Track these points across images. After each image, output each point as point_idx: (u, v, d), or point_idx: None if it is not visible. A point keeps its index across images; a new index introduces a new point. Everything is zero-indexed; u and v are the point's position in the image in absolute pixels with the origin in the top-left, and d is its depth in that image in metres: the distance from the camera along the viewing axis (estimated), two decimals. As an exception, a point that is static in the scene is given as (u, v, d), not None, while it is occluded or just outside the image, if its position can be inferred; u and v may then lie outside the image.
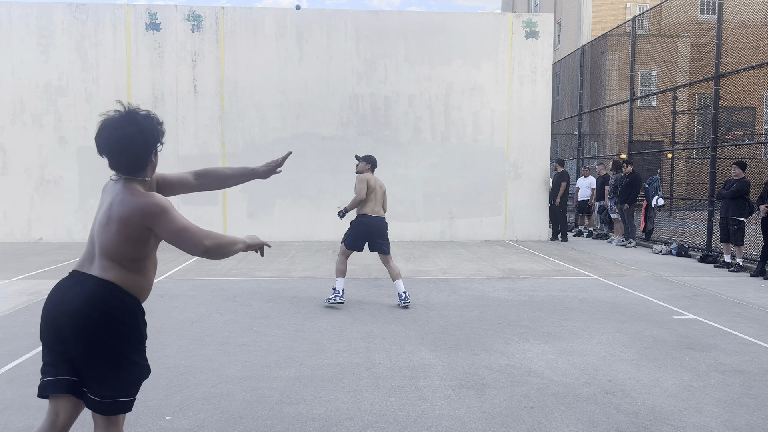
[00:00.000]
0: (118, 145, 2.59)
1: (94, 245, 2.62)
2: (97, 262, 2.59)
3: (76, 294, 2.53)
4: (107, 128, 2.60)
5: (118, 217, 2.56)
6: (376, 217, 7.31)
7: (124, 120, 2.60)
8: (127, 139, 2.58)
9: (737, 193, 10.02)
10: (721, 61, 11.71)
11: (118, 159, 2.61)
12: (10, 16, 13.56)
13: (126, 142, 2.58)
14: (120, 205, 2.57)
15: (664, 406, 4.31)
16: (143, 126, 2.64)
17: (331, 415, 4.12)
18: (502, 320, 6.71)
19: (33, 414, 4.10)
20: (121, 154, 2.58)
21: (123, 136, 2.57)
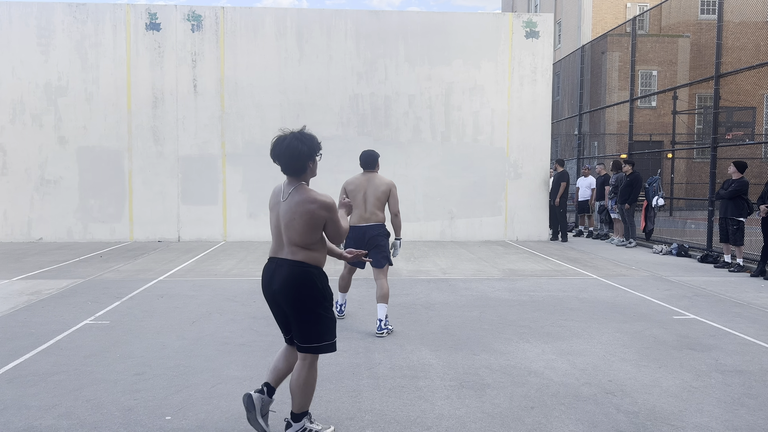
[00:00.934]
0: (288, 154, 3.53)
1: (282, 236, 3.57)
2: (287, 249, 3.56)
3: (278, 275, 3.54)
4: (281, 143, 3.56)
5: (300, 213, 3.50)
6: (360, 226, 6.23)
7: (293, 137, 3.56)
8: (295, 150, 3.52)
9: (735, 193, 10.01)
10: (721, 61, 11.71)
11: (288, 164, 3.56)
12: (10, 16, 13.56)
13: (292, 152, 3.52)
14: (304, 204, 3.50)
15: (664, 406, 4.31)
16: (305, 141, 3.57)
17: (331, 415, 4.12)
18: (502, 320, 6.71)
19: (33, 414, 4.10)
20: (290, 160, 3.53)
21: (292, 148, 3.52)
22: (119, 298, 7.74)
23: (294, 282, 3.50)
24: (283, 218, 3.55)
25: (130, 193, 13.85)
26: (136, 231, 13.86)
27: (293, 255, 3.54)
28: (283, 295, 3.52)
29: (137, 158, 13.83)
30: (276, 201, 3.62)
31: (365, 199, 6.26)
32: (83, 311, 7.00)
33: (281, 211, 3.56)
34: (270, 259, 3.64)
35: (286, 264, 3.53)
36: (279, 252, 3.60)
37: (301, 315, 3.54)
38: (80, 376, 4.85)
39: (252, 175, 14.03)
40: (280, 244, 3.59)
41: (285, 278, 3.51)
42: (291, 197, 3.55)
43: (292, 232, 3.52)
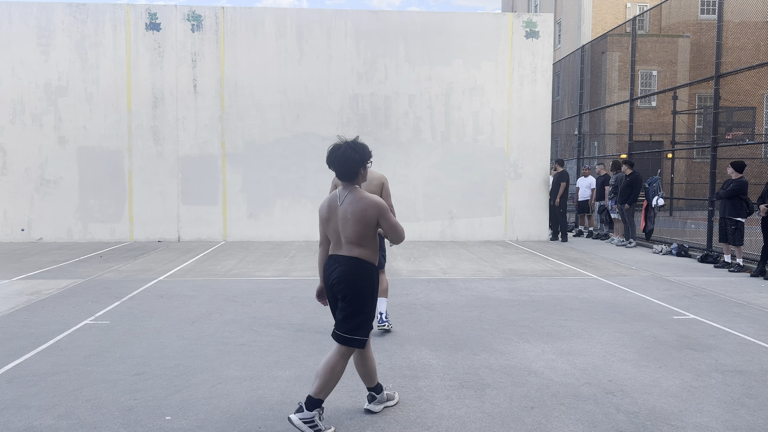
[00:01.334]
0: (343, 161, 3.87)
1: (340, 236, 3.92)
2: (344, 247, 3.92)
3: (337, 270, 3.90)
4: (336, 151, 3.91)
5: (359, 214, 3.85)
6: None
7: (347, 146, 3.90)
8: (349, 158, 3.86)
9: (733, 193, 10.01)
10: (721, 61, 11.71)
11: (342, 170, 3.89)
12: (10, 16, 13.56)
13: (347, 160, 3.86)
14: (357, 205, 3.86)
15: (664, 406, 4.31)
16: (358, 150, 3.92)
17: (331, 415, 4.12)
18: (502, 320, 6.71)
19: (33, 414, 4.10)
20: (344, 167, 3.87)
21: (346, 156, 3.86)
22: (119, 298, 7.74)
23: (349, 275, 3.88)
24: (341, 219, 3.92)
25: (130, 193, 13.85)
26: (136, 231, 13.86)
27: (350, 252, 3.92)
28: (339, 286, 3.90)
29: (137, 158, 13.83)
30: (333, 208, 3.96)
31: None
32: (83, 311, 7.00)
33: (339, 214, 3.93)
34: (330, 257, 4.03)
35: (343, 259, 3.92)
36: (338, 250, 3.98)
37: (346, 305, 3.89)
38: (80, 376, 4.85)
39: (252, 175, 14.03)
40: (339, 244, 3.97)
41: (342, 272, 3.90)
42: (346, 200, 3.92)
43: (348, 230, 3.89)
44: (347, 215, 3.87)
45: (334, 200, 3.97)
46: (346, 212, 3.88)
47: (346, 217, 3.87)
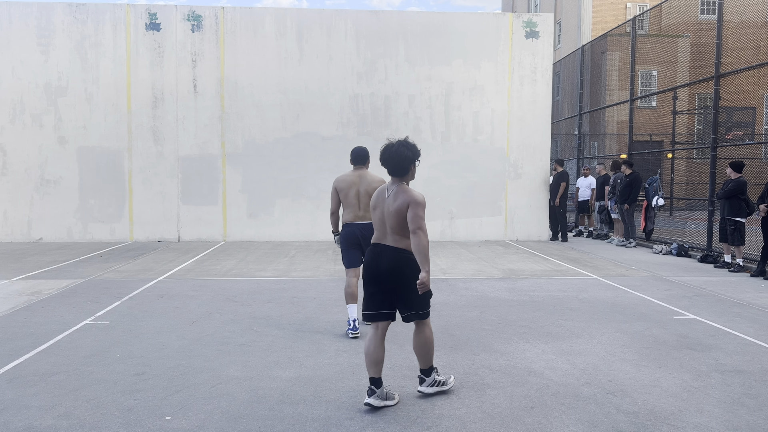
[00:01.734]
0: (395, 159, 4.27)
1: (386, 226, 4.28)
2: (390, 237, 4.28)
3: (384, 259, 4.27)
4: (390, 149, 4.30)
5: (396, 208, 4.18)
6: (356, 223, 6.14)
7: (399, 144, 4.31)
8: (400, 155, 4.26)
9: (732, 193, 10.01)
10: (721, 61, 11.71)
11: (394, 167, 4.29)
12: (10, 16, 13.56)
13: (399, 157, 4.26)
14: (398, 198, 4.20)
15: (664, 406, 4.31)
16: (409, 148, 4.32)
17: (331, 415, 4.12)
18: (502, 320, 6.71)
19: (33, 414, 4.10)
20: (396, 163, 4.27)
21: (399, 153, 4.27)
22: (119, 298, 7.74)
23: (398, 265, 4.25)
24: (386, 211, 4.29)
25: (130, 193, 13.85)
26: (136, 231, 13.86)
27: (396, 243, 4.27)
28: (390, 276, 4.25)
29: (137, 158, 13.83)
30: (381, 198, 4.35)
31: (358, 198, 6.16)
32: (83, 311, 7.00)
33: (385, 206, 4.30)
34: (374, 245, 4.37)
35: (390, 250, 4.27)
36: (383, 239, 4.33)
37: (405, 290, 4.25)
38: (80, 376, 4.85)
39: (252, 175, 14.03)
40: (384, 233, 4.33)
41: (390, 262, 4.26)
42: (393, 194, 4.27)
43: (393, 223, 4.25)
44: (391, 208, 4.25)
45: (383, 192, 4.37)
46: (391, 205, 4.26)
47: (390, 210, 4.25)
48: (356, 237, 6.12)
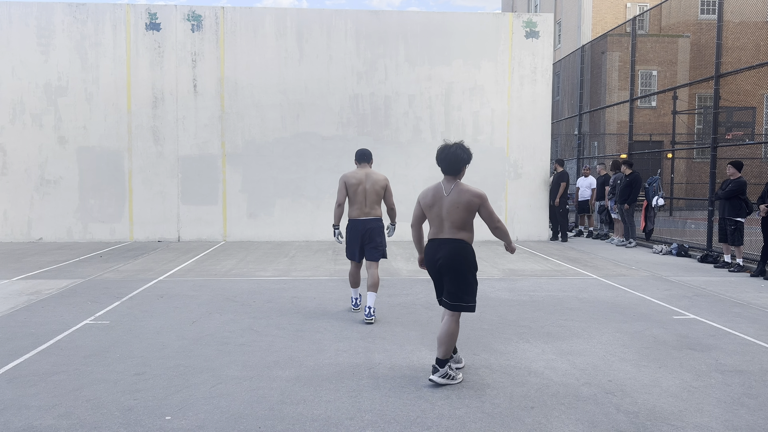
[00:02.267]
0: (451, 159, 4.68)
1: (443, 222, 4.66)
2: (447, 231, 4.65)
3: (443, 250, 4.63)
4: (446, 150, 4.70)
5: (464, 203, 4.60)
6: (361, 219, 6.64)
7: (456, 146, 4.71)
8: (457, 156, 4.68)
9: (733, 194, 10.01)
10: (721, 61, 11.71)
11: (449, 167, 4.70)
12: (10, 16, 13.56)
13: (455, 158, 4.68)
14: (462, 196, 4.61)
15: (664, 406, 4.31)
16: (465, 151, 4.72)
17: (331, 415, 4.12)
18: (502, 320, 6.71)
19: (33, 414, 4.10)
20: (452, 164, 4.68)
21: (455, 154, 4.68)
22: (119, 298, 7.74)
23: (456, 254, 4.60)
24: (446, 208, 4.65)
25: (130, 193, 13.85)
26: (136, 231, 13.86)
27: (454, 235, 4.64)
28: (446, 264, 4.61)
29: (137, 158, 13.83)
30: (438, 197, 4.70)
31: (365, 195, 6.66)
32: (83, 311, 7.00)
33: (444, 203, 4.66)
34: (431, 240, 4.76)
35: (449, 242, 4.64)
36: (440, 234, 4.70)
37: (455, 279, 4.62)
38: (80, 376, 4.85)
39: (252, 175, 14.03)
40: (441, 228, 4.69)
41: (449, 251, 4.61)
42: (453, 192, 4.66)
43: (455, 217, 4.63)
44: (454, 204, 4.62)
45: (439, 191, 4.73)
46: (453, 201, 4.63)
47: (454, 207, 4.61)
48: (359, 231, 6.66)
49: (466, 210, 4.61)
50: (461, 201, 4.61)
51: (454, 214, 4.62)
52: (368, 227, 6.66)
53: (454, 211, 4.62)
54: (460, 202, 4.61)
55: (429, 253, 4.75)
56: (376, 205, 6.73)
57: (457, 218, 4.62)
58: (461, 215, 4.61)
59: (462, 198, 4.61)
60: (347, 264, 10.55)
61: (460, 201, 4.61)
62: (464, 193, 4.63)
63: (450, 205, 4.63)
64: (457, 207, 4.61)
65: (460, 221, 4.62)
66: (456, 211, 4.61)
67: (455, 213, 4.61)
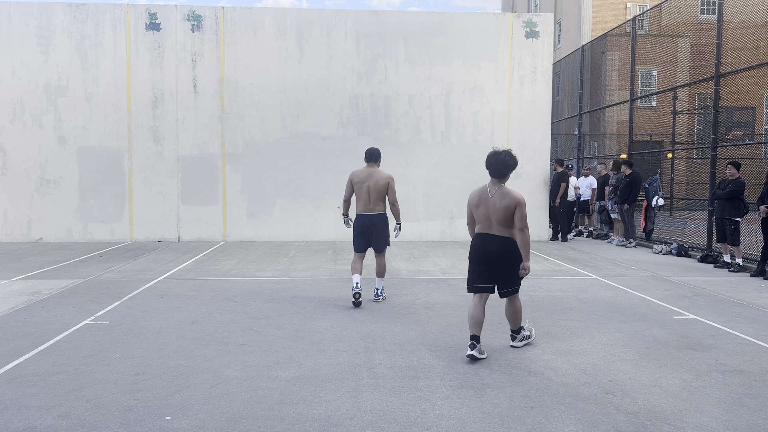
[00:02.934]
0: (499, 164, 5.29)
1: (491, 220, 5.27)
2: (495, 228, 5.28)
3: (492, 245, 5.29)
4: (496, 155, 5.32)
5: (505, 205, 5.20)
6: (366, 214, 7.35)
7: (505, 153, 5.32)
8: (505, 162, 5.29)
9: (733, 194, 10.02)
10: (721, 61, 11.70)
11: (497, 170, 5.30)
12: (10, 16, 13.56)
13: (503, 164, 5.29)
14: (504, 199, 5.22)
15: (664, 406, 4.31)
16: (512, 157, 5.35)
17: (331, 415, 4.12)
18: (502, 320, 6.70)
19: (33, 414, 4.10)
20: (499, 168, 5.29)
21: (503, 160, 5.29)
22: (119, 298, 7.74)
23: (505, 250, 5.29)
24: (492, 207, 5.26)
25: (130, 193, 13.85)
26: (136, 231, 13.86)
27: (501, 233, 5.28)
28: (497, 258, 5.29)
29: (137, 158, 13.83)
30: (483, 198, 5.32)
31: (368, 193, 7.32)
32: (83, 311, 7.00)
33: (490, 203, 5.27)
34: (479, 234, 5.38)
35: (497, 238, 5.29)
36: (488, 230, 5.34)
37: (506, 271, 5.33)
38: (80, 376, 4.85)
39: (252, 175, 14.04)
40: (488, 225, 5.32)
41: (498, 248, 5.28)
42: (496, 194, 5.26)
43: (499, 217, 5.23)
44: (497, 205, 5.22)
45: (485, 192, 5.34)
46: (496, 202, 5.23)
47: (496, 206, 5.23)
48: (365, 226, 7.36)
49: (506, 211, 5.21)
50: (502, 203, 5.21)
51: (497, 213, 5.23)
52: (372, 223, 7.34)
53: (496, 212, 5.24)
54: (501, 204, 5.22)
55: (477, 245, 5.37)
56: (380, 202, 7.36)
57: (500, 217, 5.23)
58: (503, 215, 5.22)
59: (503, 201, 5.22)
60: (347, 264, 10.55)
61: (502, 203, 5.21)
62: (505, 197, 5.23)
63: (493, 206, 5.25)
64: (498, 208, 5.23)
65: (504, 220, 5.24)
66: (498, 211, 5.23)
67: (498, 214, 5.23)
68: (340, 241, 14.07)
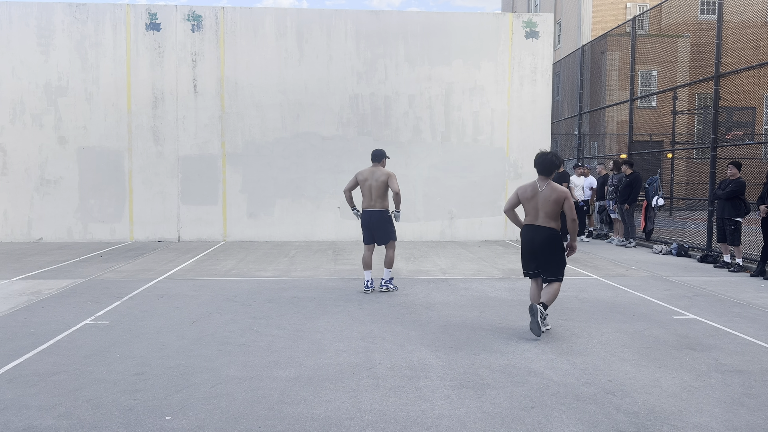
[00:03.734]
0: (546, 164, 6.10)
1: (539, 212, 6.05)
2: (542, 219, 6.06)
3: (539, 235, 6.07)
4: (544, 156, 6.15)
5: (554, 198, 5.99)
6: (368, 210, 8.02)
7: (551, 155, 6.16)
8: (552, 162, 6.11)
9: (733, 194, 10.01)
10: (721, 61, 11.70)
11: (545, 169, 6.12)
12: (10, 16, 13.56)
13: (550, 163, 6.10)
14: (554, 193, 6.02)
15: (664, 406, 4.31)
16: (558, 158, 6.17)
17: (331, 415, 4.12)
18: (502, 320, 6.71)
19: (33, 414, 4.10)
20: (547, 167, 6.10)
21: (550, 160, 6.11)
22: (119, 298, 7.74)
23: (551, 240, 6.06)
24: (542, 201, 6.03)
25: (130, 193, 13.85)
26: (136, 231, 13.86)
27: (548, 224, 6.05)
28: (544, 247, 6.06)
29: (137, 158, 13.83)
30: (534, 192, 6.10)
31: (370, 190, 8.00)
32: (83, 311, 7.00)
33: (540, 197, 6.04)
34: (528, 225, 6.18)
35: (544, 229, 6.06)
36: (535, 221, 6.10)
37: (552, 259, 6.08)
38: (80, 376, 4.85)
39: (252, 175, 14.04)
40: (536, 217, 6.08)
41: (545, 238, 6.05)
42: (546, 189, 6.06)
43: (547, 209, 6.02)
44: (546, 198, 6.01)
45: (536, 187, 6.12)
46: (546, 196, 6.02)
47: (547, 199, 6.00)
48: (368, 221, 8.03)
49: (555, 203, 5.98)
50: (552, 197, 6.00)
51: (546, 206, 5.99)
52: (373, 219, 8.00)
53: (546, 204, 5.99)
54: (551, 197, 5.99)
55: (526, 235, 6.18)
56: (380, 199, 7.98)
57: (549, 210, 6.00)
58: (552, 207, 5.99)
59: (552, 194, 6.01)
60: (347, 264, 10.57)
61: (551, 197, 6.00)
62: (554, 191, 6.03)
63: (543, 200, 6.00)
64: (548, 201, 5.98)
65: (551, 212, 6.01)
66: (547, 204, 5.99)
67: (547, 206, 5.99)
68: (340, 241, 14.08)
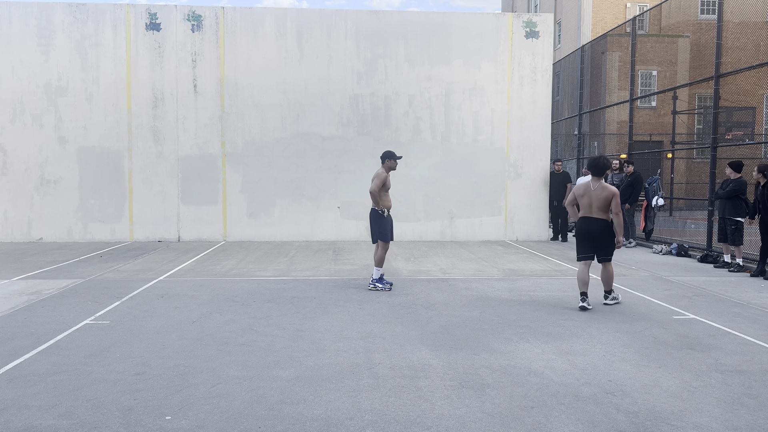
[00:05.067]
0: (599, 166, 7.28)
1: (592, 206, 7.24)
2: (595, 212, 7.24)
3: (594, 225, 7.29)
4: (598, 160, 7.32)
5: (605, 196, 7.16)
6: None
7: (602, 157, 7.37)
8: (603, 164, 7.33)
9: (733, 194, 10.01)
10: (721, 61, 11.70)
11: (597, 170, 7.29)
12: (10, 16, 13.56)
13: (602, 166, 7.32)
14: (604, 191, 7.18)
15: (664, 406, 4.31)
16: (608, 161, 7.43)
17: (331, 415, 4.12)
18: (502, 320, 6.71)
19: (33, 414, 4.10)
20: (599, 169, 7.32)
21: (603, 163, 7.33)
22: (119, 298, 7.74)
23: (603, 228, 7.27)
24: (594, 197, 7.21)
25: (130, 193, 13.85)
26: (136, 231, 13.86)
27: (599, 216, 7.24)
28: (598, 235, 7.26)
29: (137, 158, 13.83)
30: (587, 190, 7.27)
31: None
32: (83, 311, 7.00)
33: (593, 194, 7.22)
34: (583, 217, 7.36)
35: (596, 220, 7.26)
36: (589, 214, 7.29)
37: (604, 243, 7.29)
38: (80, 376, 4.85)
39: (252, 175, 14.04)
40: (590, 210, 7.27)
41: (597, 227, 7.27)
42: (598, 188, 7.21)
43: (600, 204, 7.19)
44: (599, 195, 7.17)
45: (589, 186, 7.28)
46: (598, 194, 7.19)
47: (598, 196, 7.17)
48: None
49: (605, 200, 7.15)
50: (603, 195, 7.16)
51: (598, 202, 7.18)
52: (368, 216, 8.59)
53: (597, 200, 7.18)
54: (602, 195, 7.16)
55: (582, 225, 7.36)
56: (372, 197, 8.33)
57: (600, 205, 7.18)
58: (603, 203, 7.16)
59: (603, 193, 7.17)
60: (347, 264, 10.58)
61: (602, 194, 7.16)
62: (604, 190, 7.18)
63: (596, 196, 7.19)
64: (599, 198, 7.17)
65: (603, 207, 7.18)
66: (599, 200, 7.18)
67: (598, 201, 7.17)
68: (340, 241, 14.08)
